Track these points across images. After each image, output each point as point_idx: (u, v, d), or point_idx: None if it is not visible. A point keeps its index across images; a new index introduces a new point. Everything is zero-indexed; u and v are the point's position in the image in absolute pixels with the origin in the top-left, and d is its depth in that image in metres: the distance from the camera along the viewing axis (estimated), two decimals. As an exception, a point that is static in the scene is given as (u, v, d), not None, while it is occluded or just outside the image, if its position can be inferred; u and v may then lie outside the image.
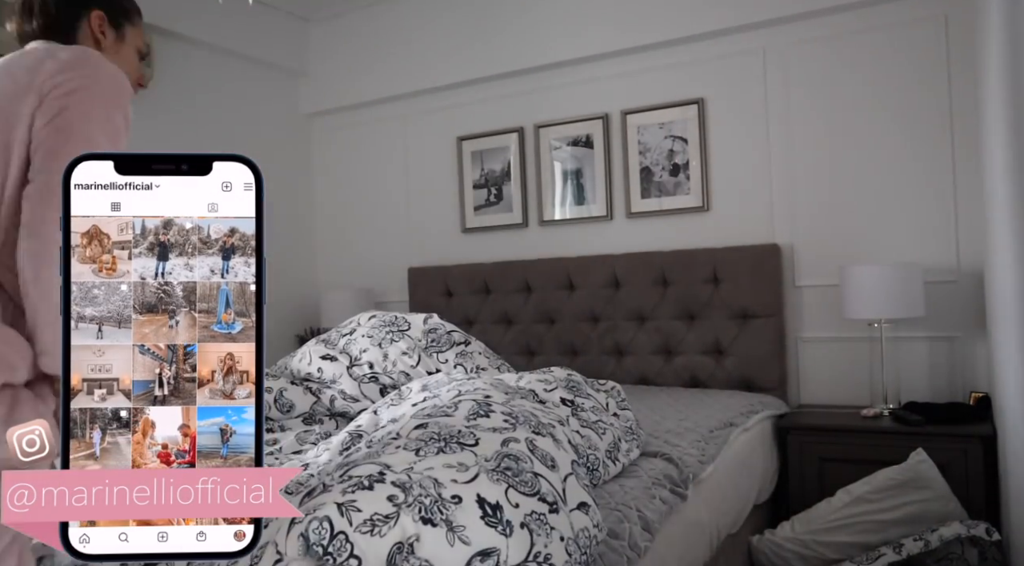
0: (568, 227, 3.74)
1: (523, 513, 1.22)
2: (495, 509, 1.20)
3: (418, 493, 1.17)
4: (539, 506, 1.25)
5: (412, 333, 2.46)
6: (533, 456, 1.35)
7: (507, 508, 1.21)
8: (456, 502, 1.19)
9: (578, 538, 1.29)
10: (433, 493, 1.18)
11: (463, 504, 1.19)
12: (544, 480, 1.31)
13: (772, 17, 3.20)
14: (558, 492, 1.32)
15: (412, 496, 1.16)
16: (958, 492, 2.46)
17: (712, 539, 2.09)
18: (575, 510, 1.35)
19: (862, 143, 3.12)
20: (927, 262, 2.92)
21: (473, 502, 1.19)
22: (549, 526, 1.23)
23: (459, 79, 3.90)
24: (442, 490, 1.19)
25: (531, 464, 1.32)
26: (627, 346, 3.42)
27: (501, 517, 1.19)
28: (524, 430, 1.43)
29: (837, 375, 3.15)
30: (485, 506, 1.19)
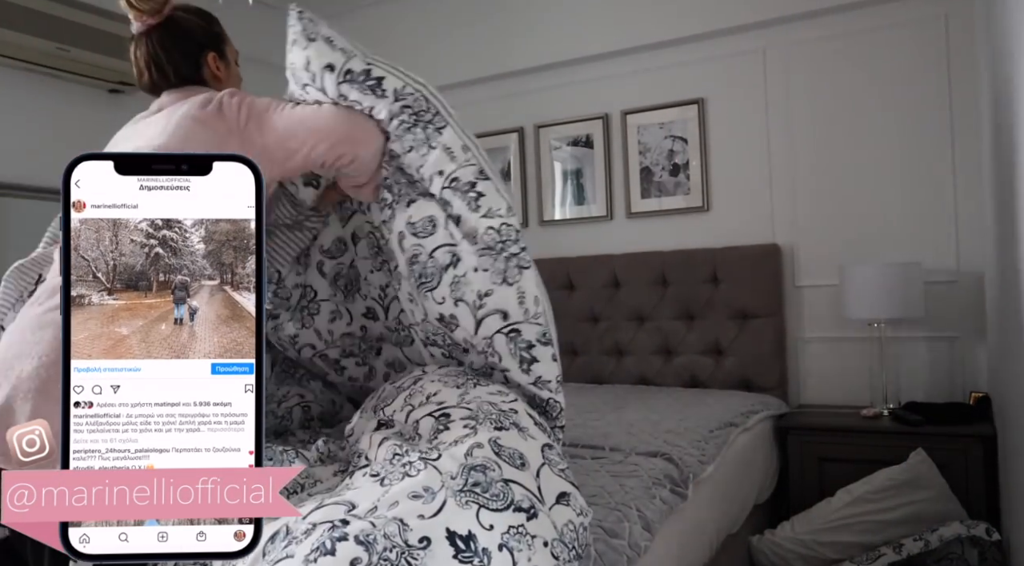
0: (568, 227, 3.74)
1: (499, 533, 1.15)
2: (468, 541, 1.13)
3: (383, 547, 1.09)
4: (515, 518, 1.19)
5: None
6: (500, 459, 1.27)
7: (481, 535, 1.14)
8: (424, 546, 1.11)
9: (563, 536, 1.24)
10: (400, 542, 1.11)
11: (432, 547, 1.11)
12: (516, 486, 1.24)
13: (772, 17, 3.21)
14: (533, 493, 1.26)
15: (376, 554, 1.08)
16: (958, 492, 2.46)
17: (712, 539, 2.09)
18: (555, 505, 1.28)
19: (862, 143, 3.12)
20: (927, 262, 2.92)
21: (443, 540, 1.12)
22: (530, 536, 1.17)
23: (459, 79, 3.90)
24: (408, 534, 1.12)
25: (499, 471, 1.25)
26: (627, 346, 3.42)
27: (476, 548, 1.12)
28: (486, 430, 1.35)
29: (837, 375, 3.15)
30: (457, 541, 1.12)
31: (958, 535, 2.27)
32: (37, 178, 3.06)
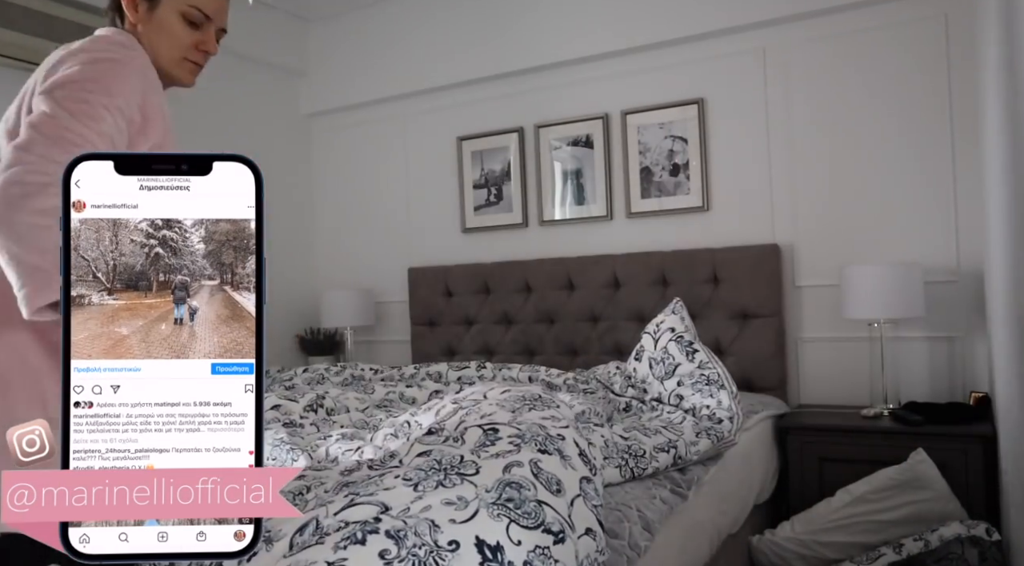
0: (568, 227, 3.74)
1: (526, 550, 1.17)
2: (495, 551, 1.15)
3: (412, 543, 1.12)
4: (543, 539, 1.20)
5: None
6: (537, 481, 1.29)
7: (508, 548, 1.16)
8: (453, 549, 1.13)
9: None
10: (429, 541, 1.13)
11: (460, 551, 1.13)
12: (548, 508, 1.25)
13: (772, 17, 3.21)
14: (564, 519, 1.27)
15: (406, 549, 1.11)
16: (958, 492, 2.46)
17: (712, 539, 2.09)
18: (583, 536, 1.29)
19: (862, 143, 3.12)
20: (927, 262, 2.92)
21: (472, 546, 1.14)
22: (553, 560, 1.18)
23: (459, 79, 3.90)
24: (439, 535, 1.14)
25: (534, 491, 1.26)
26: (627, 346, 3.41)
27: (502, 559, 1.14)
28: (529, 450, 1.37)
29: (837, 375, 3.15)
30: (485, 549, 1.14)
31: (958, 535, 2.27)
32: (37, 178, 3.06)
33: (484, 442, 1.41)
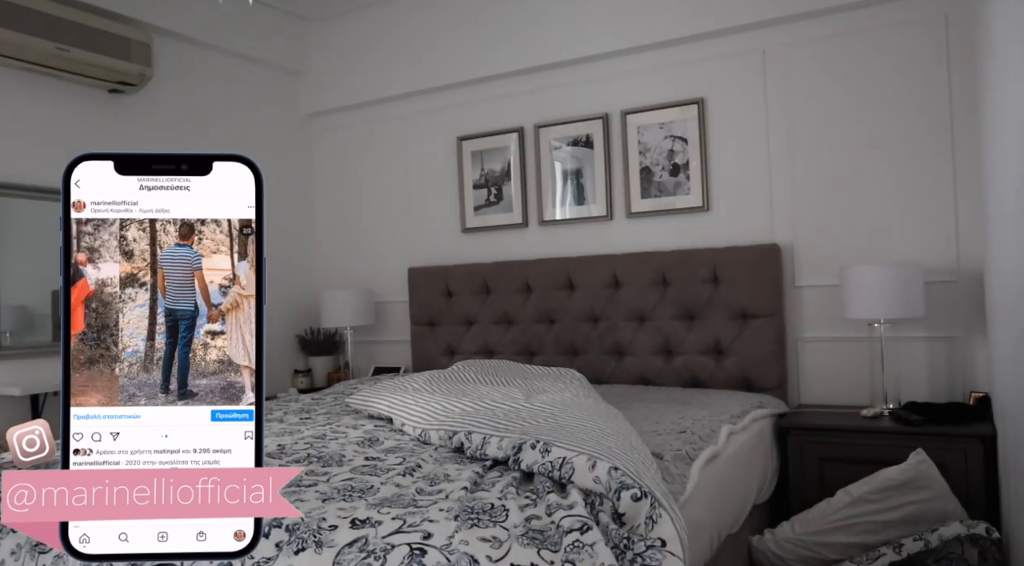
0: (568, 227, 3.74)
1: (560, 560, 1.33)
2: None
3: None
4: (569, 538, 1.36)
5: None
6: (559, 530, 1.43)
7: (542, 565, 1.31)
8: None
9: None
10: None
11: None
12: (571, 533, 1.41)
13: (772, 17, 3.21)
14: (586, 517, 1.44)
15: None
16: (958, 492, 2.46)
17: (712, 539, 2.08)
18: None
19: (862, 143, 3.12)
20: (927, 262, 2.92)
21: None
22: (588, 546, 1.35)
23: (459, 79, 3.90)
24: None
25: (557, 533, 1.42)
26: (627, 346, 3.42)
27: None
28: (543, 505, 1.53)
29: (837, 375, 3.15)
30: None
31: (958, 535, 2.27)
32: (37, 178, 3.06)
33: (512, 485, 1.67)
